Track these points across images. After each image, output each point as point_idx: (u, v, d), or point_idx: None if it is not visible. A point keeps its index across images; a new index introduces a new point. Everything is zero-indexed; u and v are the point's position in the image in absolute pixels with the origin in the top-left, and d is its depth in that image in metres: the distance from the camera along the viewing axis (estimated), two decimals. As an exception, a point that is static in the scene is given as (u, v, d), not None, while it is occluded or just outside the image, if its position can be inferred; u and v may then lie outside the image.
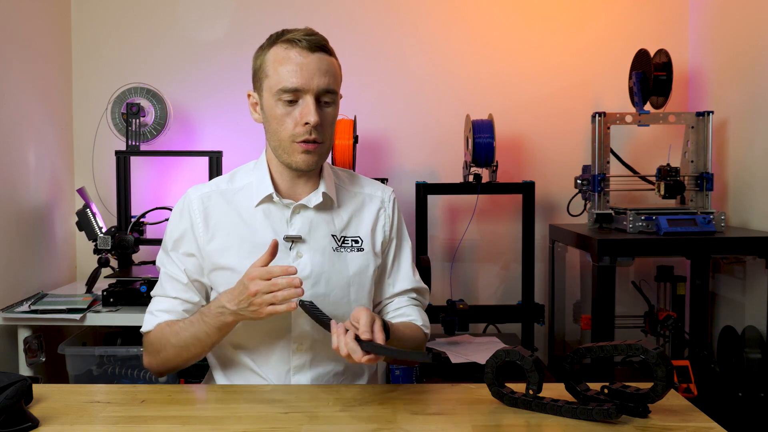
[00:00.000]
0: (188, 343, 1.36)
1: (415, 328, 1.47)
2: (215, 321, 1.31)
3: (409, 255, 1.54)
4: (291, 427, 1.14)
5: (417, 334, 1.47)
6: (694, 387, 2.21)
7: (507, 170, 2.74)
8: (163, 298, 1.45)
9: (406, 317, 1.48)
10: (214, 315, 1.31)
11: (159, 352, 1.40)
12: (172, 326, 1.39)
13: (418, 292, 1.54)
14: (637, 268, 2.66)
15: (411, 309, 1.50)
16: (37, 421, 1.14)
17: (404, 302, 1.51)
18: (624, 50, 2.63)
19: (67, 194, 2.69)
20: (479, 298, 2.81)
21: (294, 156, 1.36)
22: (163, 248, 1.47)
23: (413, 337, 1.45)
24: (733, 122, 2.50)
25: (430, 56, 2.78)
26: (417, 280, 1.53)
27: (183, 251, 1.43)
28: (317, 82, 1.32)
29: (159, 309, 1.44)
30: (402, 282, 1.51)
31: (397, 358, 1.46)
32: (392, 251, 1.51)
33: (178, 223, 1.45)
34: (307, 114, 1.32)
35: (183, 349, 1.37)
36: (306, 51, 1.33)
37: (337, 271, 1.41)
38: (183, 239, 1.43)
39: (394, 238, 1.51)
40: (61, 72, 2.70)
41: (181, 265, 1.43)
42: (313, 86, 1.32)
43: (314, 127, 1.33)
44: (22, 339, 2.19)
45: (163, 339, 1.39)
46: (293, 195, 1.44)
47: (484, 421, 1.17)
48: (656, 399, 1.15)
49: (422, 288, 1.54)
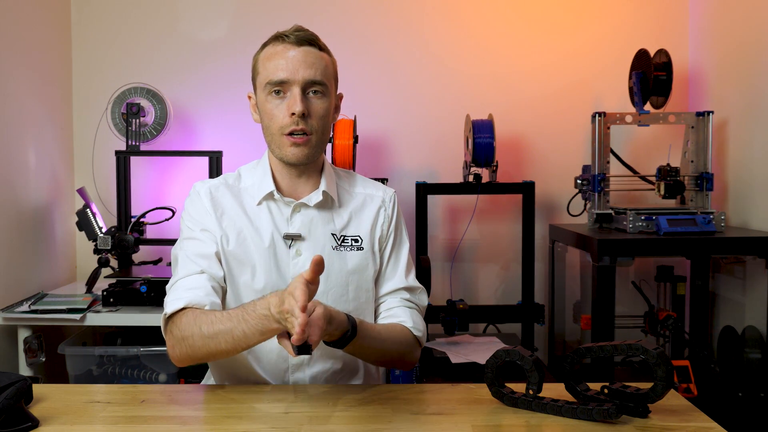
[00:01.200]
0: (219, 338, 1.24)
1: (401, 330, 1.43)
2: (259, 324, 1.20)
3: (406, 256, 1.51)
4: (291, 427, 1.14)
5: (401, 336, 1.42)
6: (694, 387, 2.21)
7: (507, 170, 2.74)
8: (187, 278, 1.35)
9: (396, 318, 1.45)
10: (258, 318, 1.20)
11: (185, 339, 1.28)
12: (205, 314, 1.27)
13: (411, 292, 1.49)
14: (637, 268, 2.66)
15: (402, 310, 1.46)
16: (37, 421, 1.14)
17: (396, 303, 1.47)
18: (624, 50, 2.63)
19: (67, 194, 2.69)
20: (479, 298, 2.81)
21: (284, 149, 1.38)
22: (181, 237, 1.44)
23: (395, 339, 1.41)
24: (733, 122, 2.50)
25: (430, 56, 2.78)
26: (410, 280, 1.50)
27: (203, 227, 1.41)
28: (303, 73, 1.35)
29: (185, 287, 1.34)
30: (393, 281, 1.48)
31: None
32: (388, 249, 1.49)
33: (191, 209, 1.44)
34: (293, 104, 1.34)
35: (212, 340, 1.25)
36: (293, 45, 1.36)
37: (336, 269, 1.41)
38: (200, 218, 1.42)
39: (391, 234, 1.49)
40: (61, 72, 2.70)
41: (204, 239, 1.39)
42: (298, 77, 1.35)
43: (301, 117, 1.34)
44: (22, 339, 2.19)
45: (192, 325, 1.27)
46: (294, 193, 1.45)
47: (484, 421, 1.17)
48: (656, 399, 1.15)
49: (415, 287, 1.50)
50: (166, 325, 1.34)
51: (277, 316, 1.16)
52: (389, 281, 1.49)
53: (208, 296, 1.33)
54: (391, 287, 1.48)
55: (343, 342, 1.27)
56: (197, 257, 1.38)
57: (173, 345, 1.31)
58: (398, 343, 1.42)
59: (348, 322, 1.26)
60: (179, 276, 1.37)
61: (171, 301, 1.33)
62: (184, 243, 1.42)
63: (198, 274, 1.36)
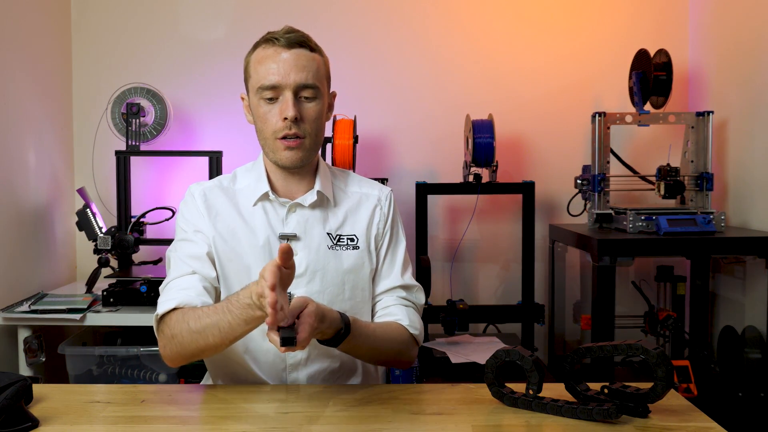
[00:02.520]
0: (207, 332, 1.24)
1: (396, 328, 1.43)
2: (243, 313, 1.20)
3: (402, 254, 1.51)
4: (291, 427, 1.14)
5: (397, 334, 1.42)
6: (694, 387, 2.21)
7: (507, 170, 2.74)
8: (179, 279, 1.37)
9: (392, 317, 1.45)
10: (242, 307, 1.20)
11: (174, 337, 1.29)
12: (193, 310, 1.29)
13: (407, 290, 1.49)
14: (637, 268, 2.66)
15: (398, 308, 1.46)
16: (37, 421, 1.14)
17: (392, 301, 1.47)
18: (624, 50, 2.62)
19: (67, 194, 2.69)
20: (479, 298, 2.81)
21: (278, 153, 1.39)
22: (175, 239, 1.46)
23: (390, 337, 1.41)
24: (733, 122, 2.50)
25: (430, 56, 2.78)
26: (406, 278, 1.50)
27: (195, 229, 1.42)
28: (294, 77, 1.34)
29: (177, 288, 1.35)
30: (390, 280, 1.48)
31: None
32: (384, 247, 1.49)
33: (185, 211, 1.46)
34: (286, 109, 1.34)
35: (199, 335, 1.25)
36: (283, 48, 1.36)
37: (332, 268, 1.41)
38: (193, 220, 1.44)
39: (387, 232, 1.49)
40: (61, 72, 2.70)
41: (196, 240, 1.41)
42: (290, 82, 1.34)
43: (294, 122, 1.35)
44: (22, 339, 2.19)
45: (181, 322, 1.28)
46: (289, 194, 1.45)
47: (484, 421, 1.17)
48: (656, 399, 1.15)
49: (412, 285, 1.50)
50: (158, 326, 1.35)
51: (258, 303, 1.16)
52: (385, 279, 1.49)
53: (199, 296, 1.34)
54: (387, 285, 1.48)
55: (337, 340, 1.28)
56: (189, 258, 1.39)
57: (164, 345, 1.33)
58: (394, 341, 1.42)
59: (341, 321, 1.27)
60: (171, 277, 1.39)
61: (162, 302, 1.34)
62: (177, 245, 1.44)
63: (190, 275, 1.38)
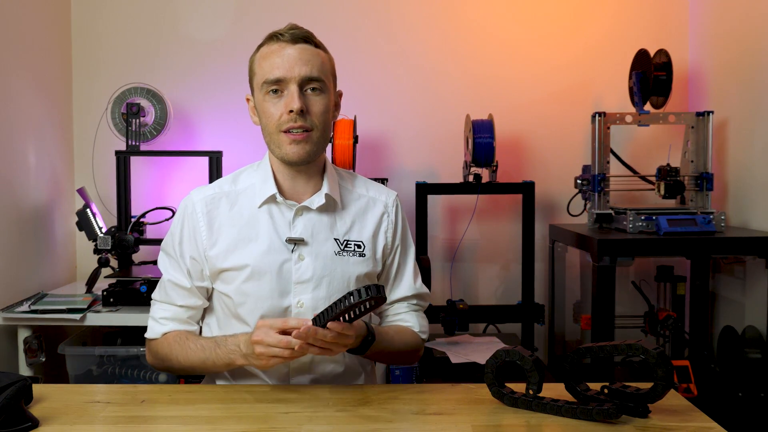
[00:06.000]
0: (195, 366, 1.39)
1: (409, 333, 1.50)
2: (225, 357, 1.33)
3: (412, 262, 1.55)
4: (291, 427, 1.14)
5: (410, 338, 1.49)
6: (694, 387, 2.21)
7: (507, 170, 2.74)
8: (167, 306, 1.46)
9: (404, 323, 1.51)
10: (227, 351, 1.32)
11: (164, 361, 1.43)
12: (182, 343, 1.40)
13: (419, 298, 1.55)
14: (637, 268, 2.66)
15: (409, 315, 1.52)
16: (37, 421, 1.14)
17: (403, 308, 1.53)
18: (624, 50, 2.62)
19: (67, 194, 2.69)
20: (479, 298, 2.81)
21: (283, 147, 1.37)
22: (164, 250, 1.47)
23: (404, 341, 1.48)
24: (733, 122, 2.50)
25: (430, 56, 2.78)
26: (418, 287, 1.54)
27: (186, 255, 1.43)
28: (299, 70, 1.34)
29: (164, 317, 1.45)
30: (402, 289, 1.52)
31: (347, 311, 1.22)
32: (396, 259, 1.51)
33: (180, 228, 1.45)
34: (291, 102, 1.34)
35: (189, 368, 1.41)
36: (288, 43, 1.36)
37: (338, 275, 1.41)
38: (185, 243, 1.43)
39: (398, 245, 1.51)
40: (61, 72, 2.70)
41: (185, 269, 1.43)
42: (295, 75, 1.34)
43: (300, 114, 1.33)
44: (22, 339, 2.19)
45: (171, 353, 1.41)
46: (296, 195, 1.43)
47: (484, 421, 1.17)
48: (656, 399, 1.15)
49: (423, 293, 1.55)
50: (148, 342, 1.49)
51: (245, 351, 1.27)
52: (399, 288, 1.52)
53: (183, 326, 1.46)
54: (400, 294, 1.52)
55: (365, 347, 1.32)
56: (176, 288, 1.45)
57: (152, 360, 1.47)
58: (408, 344, 1.48)
59: (365, 328, 1.31)
60: (161, 299, 1.47)
61: (151, 326, 1.47)
62: (167, 264, 1.47)
63: (178, 307, 1.45)
